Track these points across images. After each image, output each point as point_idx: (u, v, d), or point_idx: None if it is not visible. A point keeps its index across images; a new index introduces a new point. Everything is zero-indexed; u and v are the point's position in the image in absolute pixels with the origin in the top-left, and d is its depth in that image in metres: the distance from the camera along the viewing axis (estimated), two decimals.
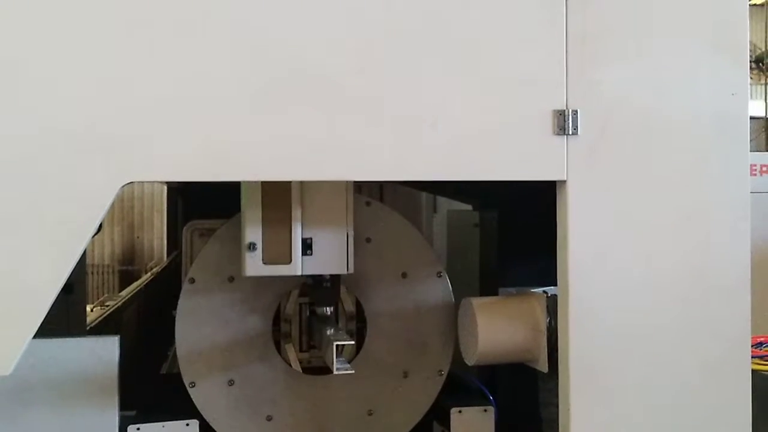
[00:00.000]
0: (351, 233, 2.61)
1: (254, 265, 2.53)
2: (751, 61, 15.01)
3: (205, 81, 2.03)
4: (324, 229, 2.57)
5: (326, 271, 2.63)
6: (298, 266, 2.56)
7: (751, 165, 2.36)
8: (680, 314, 2.29)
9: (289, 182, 2.52)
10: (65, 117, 1.96)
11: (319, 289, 2.71)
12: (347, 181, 2.57)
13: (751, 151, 2.36)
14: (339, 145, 2.09)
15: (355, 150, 2.10)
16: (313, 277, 2.69)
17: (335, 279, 2.70)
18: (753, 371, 2.38)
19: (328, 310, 2.72)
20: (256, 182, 2.50)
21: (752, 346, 3.16)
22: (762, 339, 3.45)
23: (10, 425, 2.40)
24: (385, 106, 2.11)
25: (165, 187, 5.40)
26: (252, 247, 2.51)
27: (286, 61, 2.06)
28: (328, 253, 2.58)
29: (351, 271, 2.63)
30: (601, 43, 2.23)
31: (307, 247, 2.56)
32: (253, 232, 2.52)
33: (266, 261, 2.53)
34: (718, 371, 2.32)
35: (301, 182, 2.53)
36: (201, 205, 3.05)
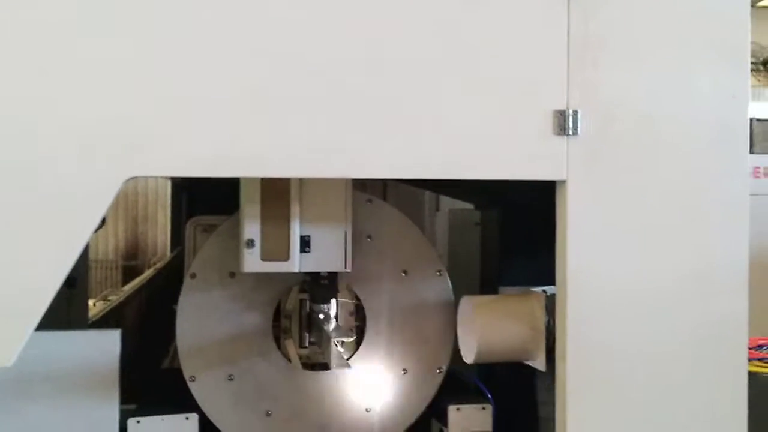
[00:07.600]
0: (350, 231, 2.62)
1: (252, 262, 2.54)
2: (759, 63, 14.94)
3: (207, 78, 2.04)
4: (322, 226, 2.58)
5: (324, 268, 2.64)
6: (296, 263, 2.56)
7: (755, 168, 2.37)
8: (678, 315, 2.30)
9: (288, 179, 2.53)
10: (69, 111, 1.98)
11: (316, 286, 2.72)
12: (346, 179, 2.58)
13: (762, 153, 2.36)
14: (339, 143, 2.10)
15: (354, 148, 2.12)
16: (310, 274, 2.70)
17: (332, 276, 2.71)
18: (753, 374, 2.38)
19: (326, 307, 2.73)
20: (255, 179, 2.51)
21: (754, 348, 3.16)
22: (762, 341, 3.45)
23: (10, 417, 2.41)
24: (386, 104, 2.12)
25: (169, 183, 5.41)
26: (250, 243, 2.52)
27: (287, 59, 2.07)
28: (326, 251, 2.59)
29: (349, 269, 2.64)
30: (602, 45, 2.24)
31: (305, 244, 2.57)
32: (251, 229, 2.53)
33: (264, 258, 2.54)
34: (715, 373, 2.32)
35: (300, 179, 2.54)
36: (205, 201, 3.06)
